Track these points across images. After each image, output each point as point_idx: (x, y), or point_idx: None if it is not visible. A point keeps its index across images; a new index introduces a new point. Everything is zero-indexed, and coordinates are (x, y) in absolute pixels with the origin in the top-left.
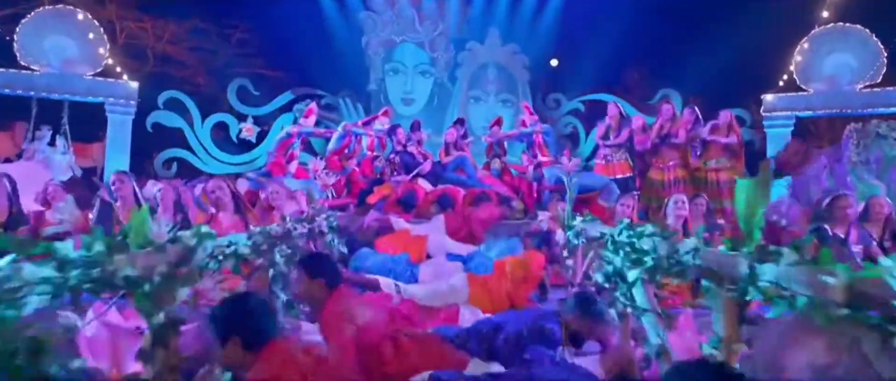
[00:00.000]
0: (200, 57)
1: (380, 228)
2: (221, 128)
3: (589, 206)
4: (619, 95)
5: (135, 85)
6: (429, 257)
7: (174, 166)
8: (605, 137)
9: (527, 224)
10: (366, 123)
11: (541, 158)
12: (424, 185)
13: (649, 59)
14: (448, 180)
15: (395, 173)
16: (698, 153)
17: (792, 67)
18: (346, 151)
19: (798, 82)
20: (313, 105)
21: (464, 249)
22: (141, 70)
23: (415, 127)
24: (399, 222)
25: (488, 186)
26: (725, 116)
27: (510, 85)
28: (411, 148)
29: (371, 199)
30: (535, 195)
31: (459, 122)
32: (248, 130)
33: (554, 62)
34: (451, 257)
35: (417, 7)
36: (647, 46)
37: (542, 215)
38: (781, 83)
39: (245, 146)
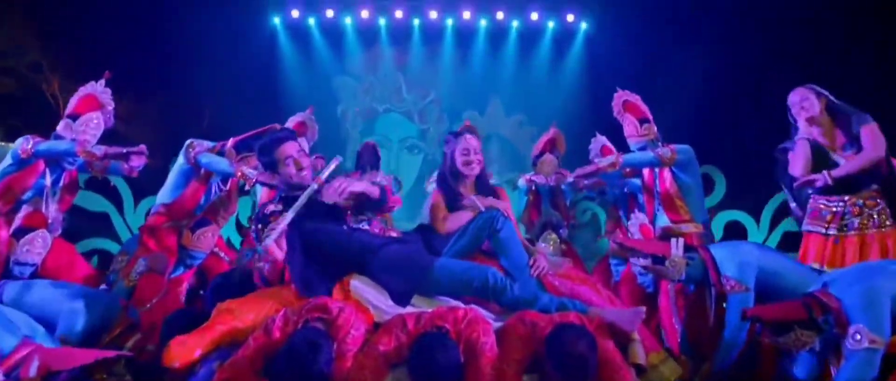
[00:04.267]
0: (162, 136)
1: None
2: None
3: None
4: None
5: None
6: None
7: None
8: (824, 163)
9: None
10: (240, 146)
11: (686, 226)
12: (368, 299)
13: (683, 134)
14: (445, 286)
15: (263, 265)
16: None
17: None
18: (195, 209)
19: None
20: (94, 88)
21: None
22: None
23: (364, 156)
24: None
25: (578, 305)
26: None
27: (515, 162)
28: (319, 181)
29: (178, 356)
30: (681, 326)
31: (469, 130)
32: None
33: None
34: None
35: (404, 71)
36: (682, 119)
37: None
38: None
39: None
